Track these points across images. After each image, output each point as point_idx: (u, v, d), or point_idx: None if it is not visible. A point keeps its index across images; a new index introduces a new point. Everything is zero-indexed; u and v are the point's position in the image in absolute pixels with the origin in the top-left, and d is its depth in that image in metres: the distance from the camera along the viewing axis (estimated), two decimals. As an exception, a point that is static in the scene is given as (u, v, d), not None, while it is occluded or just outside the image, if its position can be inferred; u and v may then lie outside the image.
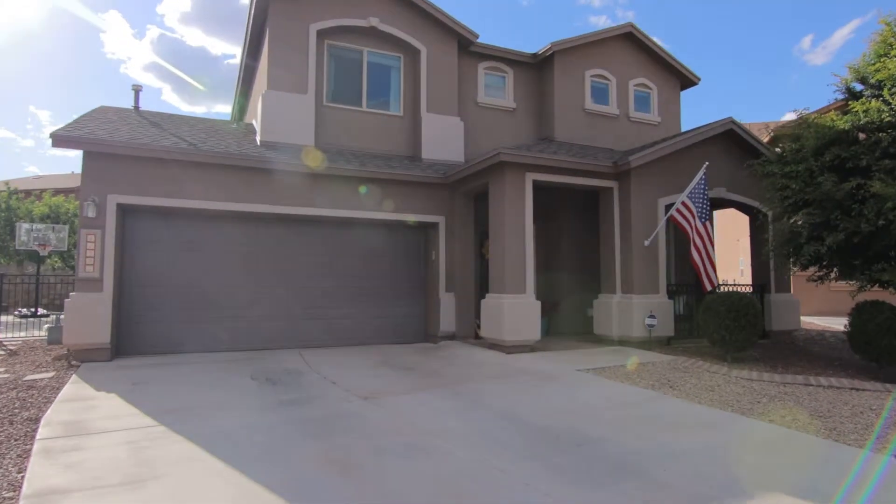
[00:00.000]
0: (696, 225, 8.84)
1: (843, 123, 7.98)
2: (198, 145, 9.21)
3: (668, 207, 10.04)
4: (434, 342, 10.58)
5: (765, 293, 11.15)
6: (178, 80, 70.91)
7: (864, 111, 7.79)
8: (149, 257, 9.15)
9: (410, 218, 10.43)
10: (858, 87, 8.99)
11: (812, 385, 7.10)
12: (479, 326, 10.85)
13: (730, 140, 10.73)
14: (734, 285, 10.80)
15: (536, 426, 5.19)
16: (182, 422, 5.24)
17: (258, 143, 10.28)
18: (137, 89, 11.60)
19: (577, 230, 12.06)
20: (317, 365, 8.25)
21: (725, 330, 8.29)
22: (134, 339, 8.93)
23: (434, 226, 10.82)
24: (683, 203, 9.06)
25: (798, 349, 10.29)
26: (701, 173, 8.99)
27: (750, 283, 11.54)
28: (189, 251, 9.40)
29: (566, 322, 11.68)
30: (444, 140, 11.50)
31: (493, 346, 9.14)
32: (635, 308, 9.43)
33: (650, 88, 13.72)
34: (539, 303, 9.05)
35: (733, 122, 10.40)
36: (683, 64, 13.87)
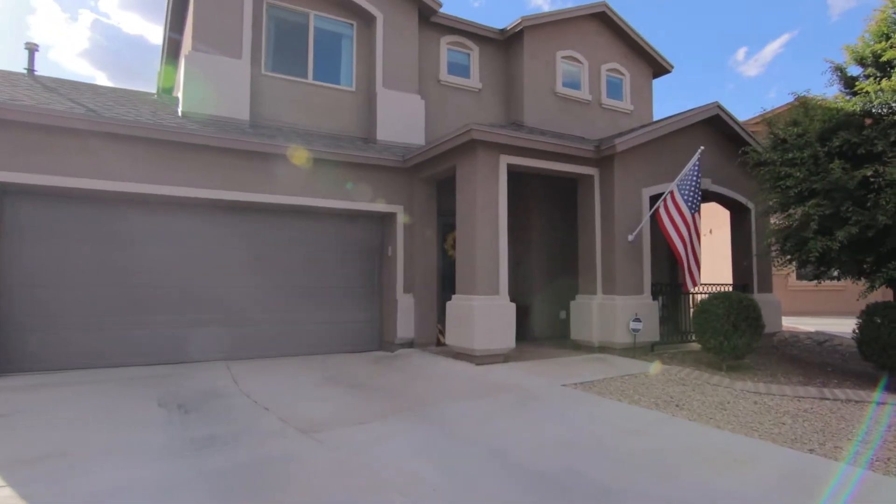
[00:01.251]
0: (684, 215, 7.86)
1: (852, 106, 7.17)
2: (100, 112, 7.46)
3: (653, 199, 9.06)
4: (390, 350, 9.20)
5: (747, 293, 10.37)
6: (115, 67, 66.15)
7: (875, 91, 6.99)
8: (40, 251, 7.33)
9: (363, 207, 9.01)
10: (855, 70, 8.28)
11: (829, 399, 6.20)
12: (442, 332, 9.54)
13: (714, 128, 9.89)
14: (715, 285, 9.96)
15: (534, 470, 3.93)
16: (43, 479, 3.69)
17: (179, 114, 8.60)
18: (32, 48, 9.62)
19: (549, 224, 10.96)
20: (247, 383, 6.71)
21: (724, 335, 7.34)
22: (14, 353, 7.10)
23: (390, 217, 9.44)
24: (671, 193, 8.07)
25: (787, 355, 9.54)
26: (695, 159, 8.02)
27: (731, 282, 10.76)
28: (95, 243, 7.63)
29: (538, 326, 10.55)
30: (402, 120, 10.13)
31: (461, 355, 7.86)
32: (619, 311, 8.38)
33: (623, 75, 12.82)
34: (514, 305, 7.84)
35: (719, 107, 9.55)
36: (657, 50, 13.06)
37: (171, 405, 5.66)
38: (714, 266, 15.17)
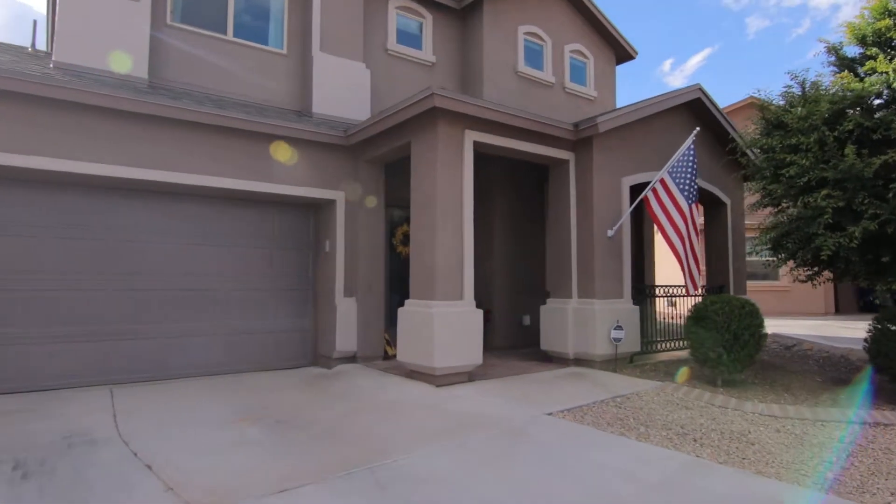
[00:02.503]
0: (680, 206, 6.78)
1: (869, 86, 6.31)
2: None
3: (633, 190, 7.97)
4: (327, 366, 7.60)
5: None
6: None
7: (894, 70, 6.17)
8: None
9: (295, 192, 7.35)
10: (852, 50, 7.53)
11: (855, 422, 5.24)
12: (390, 343, 8.04)
13: (693, 114, 8.96)
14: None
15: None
16: None
17: (51, 66, 6.62)
18: None
19: (511, 217, 9.69)
20: (130, 421, 4.95)
21: (724, 347, 6.30)
22: None
23: (328, 205, 7.83)
24: (662, 181, 6.97)
25: (766, 363, 8.73)
26: (689, 141, 6.95)
27: (704, 283, 9.90)
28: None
29: (500, 334, 9.25)
30: (343, 91, 8.52)
31: (416, 374, 6.40)
32: (598, 317, 7.19)
33: (587, 58, 11.78)
34: (481, 313, 6.47)
35: (701, 90, 8.62)
36: (621, 33, 12.13)
37: (7, 466, 3.86)
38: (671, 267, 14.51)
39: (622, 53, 12.50)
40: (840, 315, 18.57)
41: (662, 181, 6.96)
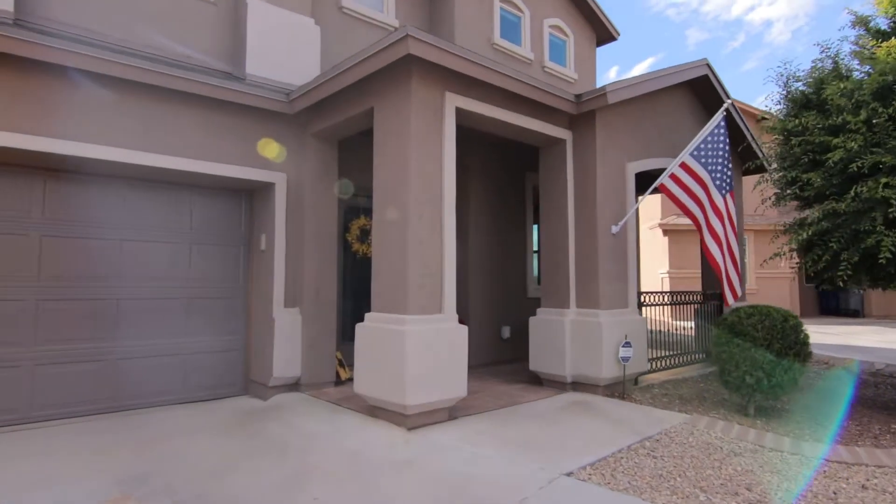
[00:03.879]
0: (712, 197, 5.54)
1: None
2: None
3: (639, 178, 6.73)
4: (262, 397, 5.92)
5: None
6: None
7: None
8: None
9: (222, 172, 5.64)
10: (883, 22, 6.54)
11: (950, 472, 4.10)
12: (343, 364, 6.45)
13: (696, 95, 7.81)
14: (683, 293, 7.92)
15: None
16: None
17: None
18: None
19: (489, 211, 8.26)
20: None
21: (763, 370, 5.09)
22: None
23: (265, 190, 6.16)
24: (684, 165, 5.71)
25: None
26: (719, 118, 5.71)
27: (699, 290, 8.80)
28: None
29: (476, 349, 7.76)
30: (286, 51, 6.83)
31: (380, 411, 4.86)
32: (605, 332, 5.86)
33: (566, 36, 10.54)
34: (465, 329, 4.98)
35: (708, 66, 7.47)
36: (603, 11, 10.96)
37: None
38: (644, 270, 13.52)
39: (603, 34, 11.34)
40: (803, 318, 18.27)
41: (685, 166, 5.70)
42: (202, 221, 6.04)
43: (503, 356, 7.94)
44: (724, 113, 5.69)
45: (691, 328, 8.25)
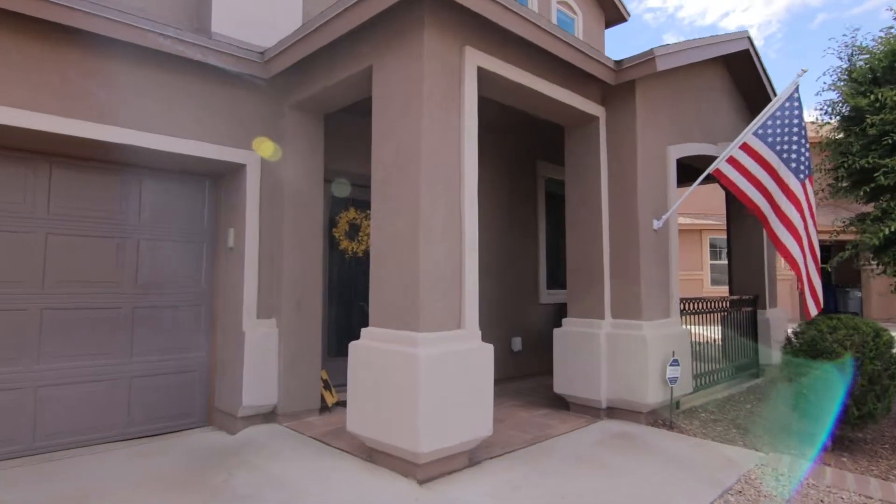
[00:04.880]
0: (789, 187, 4.56)
1: None
2: None
3: (680, 165, 5.75)
4: (230, 429, 4.76)
5: (758, 309, 7.58)
6: None
7: None
8: None
9: (176, 147, 4.45)
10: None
11: None
12: (330, 387, 5.33)
13: (732, 75, 6.87)
14: (709, 300, 6.96)
15: None
16: None
17: None
18: None
19: (497, 204, 7.19)
20: None
21: (852, 397, 4.13)
22: None
23: (234, 173, 4.99)
24: (745, 146, 4.72)
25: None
26: (792, 89, 4.72)
27: (728, 294, 7.87)
28: None
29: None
30: (259, 7, 5.68)
31: (381, 454, 3.75)
32: (651, 348, 4.84)
33: (575, 14, 9.56)
34: (491, 349, 3.90)
35: (750, 39, 6.53)
36: (613, -13, 10.02)
37: None
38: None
39: (613, 14, 10.40)
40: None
41: (747, 147, 4.71)
42: (154, 211, 4.85)
43: (515, 372, 6.89)
44: (797, 81, 4.73)
45: (719, 338, 7.32)
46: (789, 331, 4.92)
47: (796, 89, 4.71)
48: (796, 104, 4.64)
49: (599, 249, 5.21)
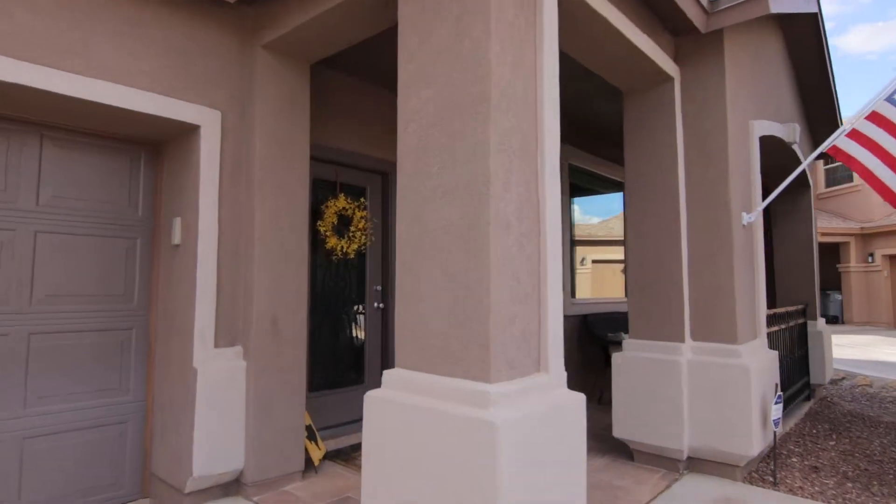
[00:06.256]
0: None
1: None
2: None
3: (765, 141, 4.63)
4: (173, 511, 3.27)
5: (808, 321, 6.59)
6: None
7: None
8: None
9: (91, 94, 2.95)
10: None
11: None
12: (314, 437, 3.91)
13: (789, 47, 5.84)
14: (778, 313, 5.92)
15: None
16: None
17: None
18: None
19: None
20: None
21: None
22: None
23: (184, 139, 3.51)
24: (874, 115, 3.62)
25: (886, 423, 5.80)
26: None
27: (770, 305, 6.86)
28: None
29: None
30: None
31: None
32: (753, 379, 3.66)
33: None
34: (583, 400, 2.58)
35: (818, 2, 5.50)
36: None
37: None
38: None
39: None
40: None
41: (876, 116, 3.60)
42: (61, 193, 3.30)
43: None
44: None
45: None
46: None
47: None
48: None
49: (676, 250, 4.00)
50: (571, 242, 6.55)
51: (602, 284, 7.91)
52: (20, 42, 2.73)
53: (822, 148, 3.85)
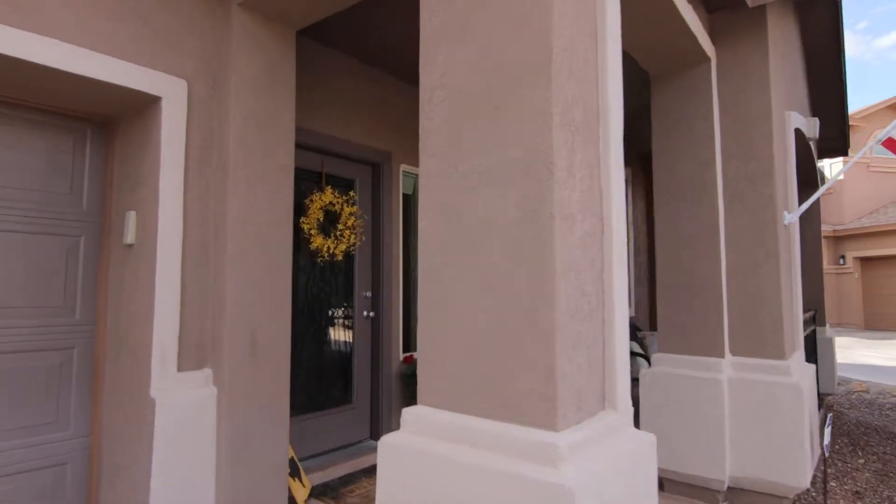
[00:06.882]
0: None
1: None
2: None
3: (799, 134, 4.25)
4: (124, 576, 2.61)
5: (817, 327, 6.30)
6: None
7: None
8: None
9: (34, 55, 2.28)
10: None
11: None
12: (297, 473, 3.28)
13: (803, 36, 5.52)
14: None
15: None
16: None
17: None
18: None
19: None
20: None
21: None
22: None
23: (142, 114, 2.85)
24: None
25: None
26: None
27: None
28: None
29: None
30: None
31: None
32: (806, 399, 3.23)
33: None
34: (654, 442, 2.07)
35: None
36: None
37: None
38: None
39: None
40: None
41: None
42: (-22, 177, 2.62)
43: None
44: None
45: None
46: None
47: None
48: None
49: (715, 254, 3.54)
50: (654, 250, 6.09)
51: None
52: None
53: (880, 138, 3.45)
